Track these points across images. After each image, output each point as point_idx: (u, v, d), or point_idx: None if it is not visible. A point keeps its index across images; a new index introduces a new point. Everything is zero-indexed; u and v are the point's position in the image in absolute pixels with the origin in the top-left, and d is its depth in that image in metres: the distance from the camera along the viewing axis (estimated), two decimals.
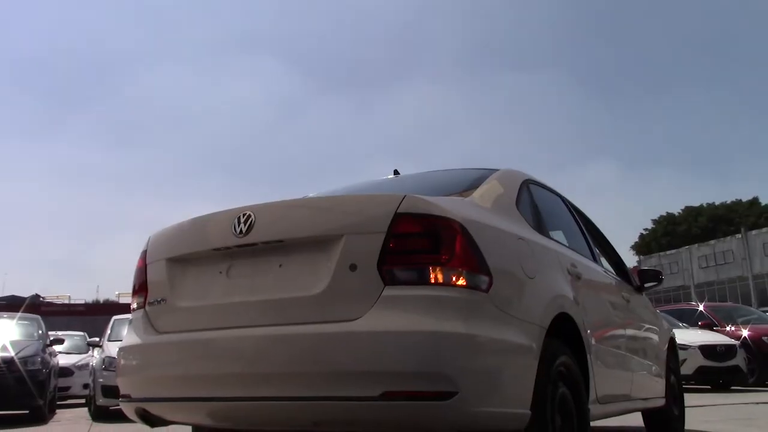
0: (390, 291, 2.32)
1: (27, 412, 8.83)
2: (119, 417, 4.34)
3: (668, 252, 58.39)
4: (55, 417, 9.50)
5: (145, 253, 3.03)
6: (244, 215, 2.64)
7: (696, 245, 54.87)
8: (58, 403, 11.22)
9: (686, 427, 5.19)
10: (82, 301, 57.59)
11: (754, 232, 49.67)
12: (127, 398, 2.88)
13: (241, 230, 2.61)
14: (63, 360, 12.05)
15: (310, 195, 3.59)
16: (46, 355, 9.31)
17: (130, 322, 3.06)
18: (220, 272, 2.70)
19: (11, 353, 8.54)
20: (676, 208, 68.75)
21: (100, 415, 8.81)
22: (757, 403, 7.93)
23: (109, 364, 8.66)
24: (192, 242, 2.85)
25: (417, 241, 2.40)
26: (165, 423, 2.90)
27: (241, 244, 2.63)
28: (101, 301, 60.83)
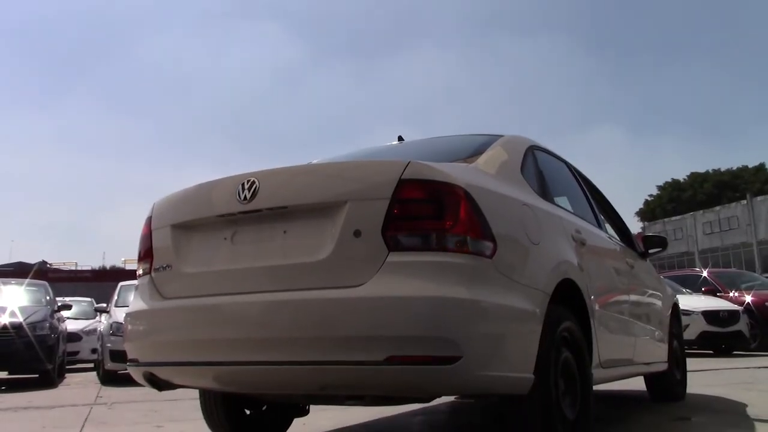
0: (394, 257, 2.33)
1: (37, 376, 8.97)
2: (128, 381, 4.41)
3: (673, 218, 58.32)
4: (65, 381, 9.65)
5: (149, 220, 3.04)
6: (248, 182, 2.64)
7: (701, 211, 54.77)
8: (67, 367, 11.38)
9: (688, 391, 5.25)
10: (89, 268, 58.00)
11: (759, 198, 49.50)
12: (135, 363, 2.92)
13: (245, 197, 2.61)
14: (71, 326, 12.19)
15: (314, 161, 3.59)
16: (55, 321, 9.41)
17: (137, 288, 3.09)
18: (225, 238, 2.71)
19: (20, 319, 8.64)
20: (681, 175, 68.53)
21: (109, 379, 8.93)
22: (759, 368, 7.99)
23: (116, 329, 8.75)
24: (196, 209, 2.85)
25: (421, 207, 2.40)
26: (172, 387, 2.94)
27: (245, 211, 2.63)
28: (107, 268, 61.27)
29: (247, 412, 3.50)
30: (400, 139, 4.02)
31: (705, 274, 13.62)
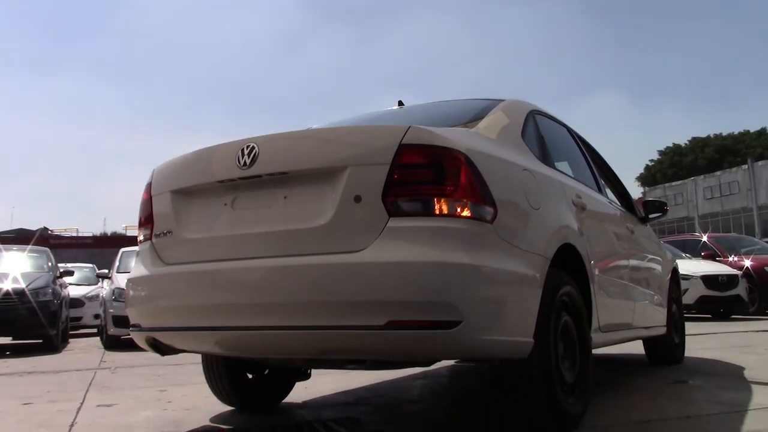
0: (395, 222, 2.33)
1: (41, 341, 9.05)
2: (131, 346, 4.45)
3: (673, 183, 58.24)
4: (68, 346, 9.74)
5: (149, 186, 3.03)
6: (247, 147, 2.62)
7: (702, 176, 54.66)
8: (71, 333, 11.47)
9: (686, 354, 5.30)
10: (90, 234, 58.11)
11: (760, 162, 49.35)
12: (138, 328, 2.94)
13: (245, 162, 2.60)
14: (73, 291, 12.26)
15: (314, 126, 3.56)
16: (57, 287, 9.46)
17: (138, 254, 3.09)
18: (225, 204, 2.70)
19: (22, 285, 8.69)
20: (682, 139, 68.24)
21: (112, 344, 9.02)
22: (757, 331, 8.06)
23: (119, 295, 8.81)
24: (196, 174, 2.84)
25: (421, 172, 2.39)
26: (175, 351, 2.96)
27: (245, 176, 2.62)
28: (108, 234, 61.40)
29: (249, 376, 3.54)
30: (401, 103, 3.99)
31: (705, 238, 13.66)
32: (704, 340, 6.95)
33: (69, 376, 5.61)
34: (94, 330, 12.59)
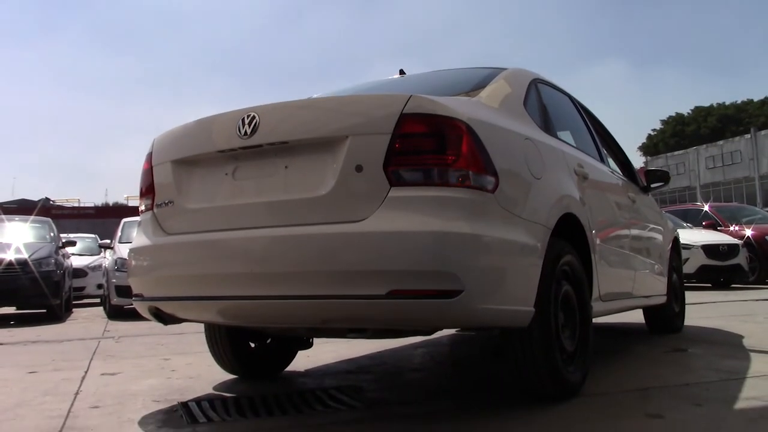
0: (396, 192, 2.33)
1: (44, 311, 9.11)
2: (134, 315, 4.47)
3: (675, 153, 58.05)
4: (72, 316, 9.81)
5: (150, 156, 3.02)
6: (248, 116, 2.61)
7: (704, 146, 54.45)
8: (74, 302, 11.55)
9: (686, 323, 5.33)
10: (92, 205, 58.15)
11: (763, 132, 49.12)
12: (140, 297, 2.95)
13: (245, 132, 2.59)
14: (76, 261, 12.30)
15: (315, 96, 3.54)
16: (60, 257, 9.50)
17: (139, 223, 3.10)
18: (226, 174, 2.70)
19: (25, 255, 8.72)
20: (685, 109, 67.88)
21: (115, 313, 9.08)
22: (757, 300, 8.09)
23: (121, 265, 8.84)
24: (197, 144, 2.83)
25: (423, 141, 2.38)
26: (177, 321, 2.98)
27: (246, 146, 2.61)
28: (110, 204, 61.42)
29: (252, 345, 3.57)
30: (402, 72, 3.96)
31: (706, 208, 13.67)
32: (704, 309, 6.98)
33: (73, 345, 5.65)
34: (98, 300, 12.66)
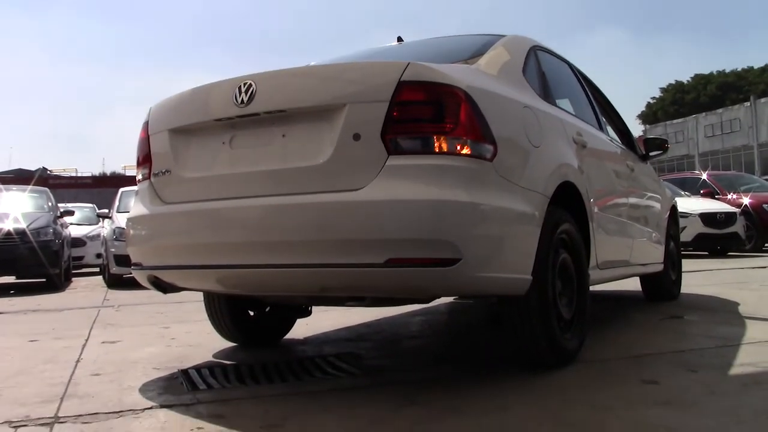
0: (394, 160, 2.32)
1: (44, 280, 9.15)
2: (133, 284, 4.50)
3: (674, 121, 57.86)
4: (71, 285, 9.85)
5: (146, 125, 3.00)
6: (244, 84, 2.59)
7: (703, 114, 54.25)
8: (73, 272, 11.59)
9: (682, 291, 5.36)
10: (89, 174, 58.02)
11: (763, 100, 48.90)
12: (139, 266, 2.96)
13: (242, 100, 2.57)
14: (74, 231, 12.32)
15: (313, 63, 3.51)
16: (58, 227, 9.50)
17: (137, 193, 3.09)
18: (223, 143, 2.68)
19: (23, 225, 8.72)
20: (685, 76, 67.56)
21: (115, 282, 9.12)
22: (753, 268, 8.14)
23: (119, 234, 8.85)
24: (193, 113, 2.81)
25: (421, 109, 2.37)
26: (177, 289, 3.00)
27: (242, 114, 2.59)
28: (108, 174, 61.30)
29: (251, 313, 3.59)
30: (400, 40, 3.92)
31: (704, 176, 13.66)
32: (700, 277, 7.02)
33: (73, 314, 5.69)
34: (97, 269, 12.71)
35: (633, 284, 5.26)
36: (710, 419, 2.03)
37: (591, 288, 3.19)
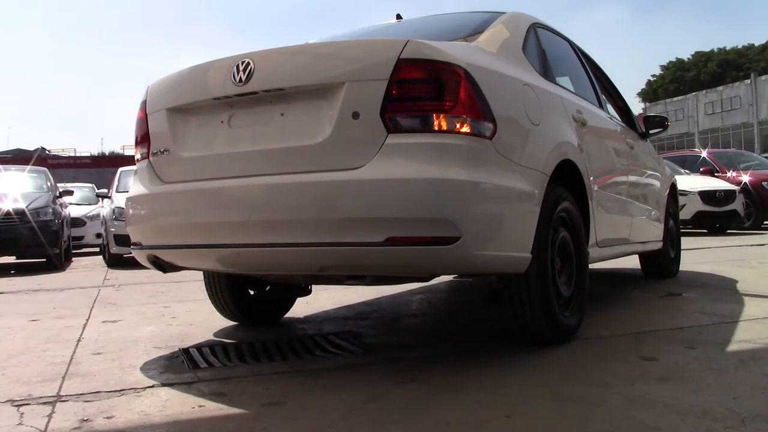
0: (393, 139, 2.31)
1: (44, 260, 9.16)
2: (133, 264, 4.51)
3: (675, 99, 57.67)
4: (72, 265, 9.87)
5: (144, 104, 2.99)
6: (243, 63, 2.57)
7: (703, 91, 54.04)
8: (73, 252, 11.60)
9: (681, 268, 5.38)
10: (88, 154, 57.90)
11: (763, 77, 48.69)
12: (139, 246, 2.96)
13: (240, 78, 2.56)
14: (74, 211, 12.33)
15: (311, 41, 3.49)
16: (57, 207, 9.50)
17: (135, 172, 3.08)
18: (222, 122, 2.67)
19: (22, 205, 8.72)
20: (685, 54, 67.24)
21: (115, 262, 9.13)
22: (751, 246, 8.16)
23: (119, 214, 8.85)
24: (191, 92, 2.80)
25: (420, 87, 2.36)
26: (176, 269, 3.00)
27: (241, 93, 2.58)
28: (106, 154, 61.18)
29: (251, 292, 3.60)
30: (399, 17, 3.89)
31: (704, 154, 13.65)
32: (699, 255, 7.04)
33: (74, 293, 5.70)
34: (97, 249, 12.73)
35: (632, 262, 5.27)
36: (708, 395, 2.05)
37: (590, 266, 3.20)
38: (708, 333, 2.98)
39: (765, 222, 12.23)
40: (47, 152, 53.06)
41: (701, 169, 12.45)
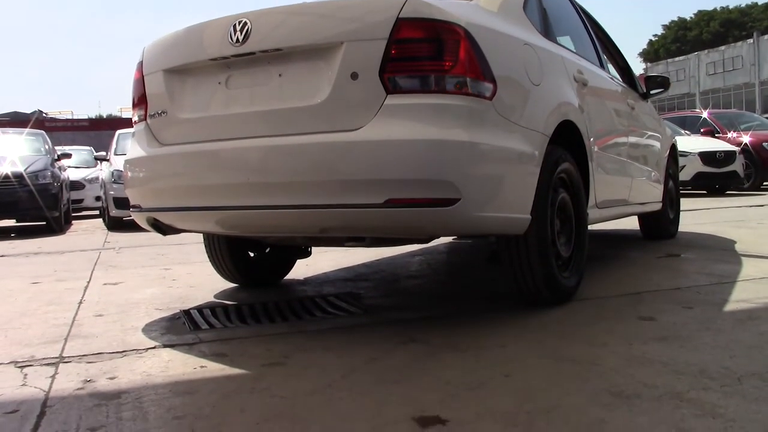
0: (392, 100, 2.29)
1: (44, 223, 9.17)
2: (133, 227, 4.52)
3: (676, 59, 57.13)
4: (72, 228, 9.88)
5: (141, 65, 2.95)
6: (239, 23, 2.54)
7: (705, 51, 53.51)
8: (73, 215, 11.60)
9: (680, 229, 5.39)
10: (85, 117, 57.52)
11: (766, 36, 48.14)
12: (138, 209, 2.96)
13: (237, 39, 2.52)
14: (73, 174, 12.29)
15: (309, 0, 3.43)
16: (56, 170, 9.47)
17: (133, 134, 3.07)
18: (219, 83, 2.65)
19: (20, 168, 8.69)
20: (688, 13, 66.53)
21: (115, 225, 9.14)
22: (750, 206, 8.16)
23: (118, 177, 8.81)
24: (188, 52, 2.76)
25: (420, 47, 2.33)
26: (176, 231, 3.01)
27: (238, 54, 2.55)
28: (104, 116, 60.79)
29: (251, 254, 3.61)
30: None
31: (705, 115, 13.57)
32: (698, 216, 7.05)
33: (74, 256, 5.72)
34: (96, 212, 12.73)
35: (631, 223, 5.28)
36: (705, 354, 2.07)
37: (589, 227, 3.20)
38: (706, 293, 3.00)
39: (765, 183, 12.22)
40: (44, 115, 52.65)
41: (702, 130, 12.39)
